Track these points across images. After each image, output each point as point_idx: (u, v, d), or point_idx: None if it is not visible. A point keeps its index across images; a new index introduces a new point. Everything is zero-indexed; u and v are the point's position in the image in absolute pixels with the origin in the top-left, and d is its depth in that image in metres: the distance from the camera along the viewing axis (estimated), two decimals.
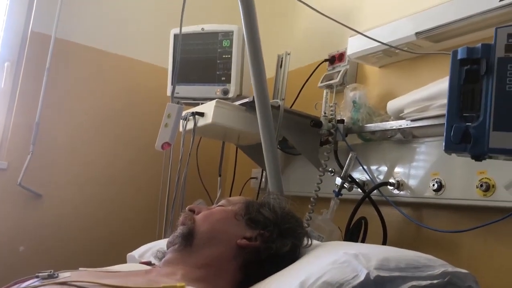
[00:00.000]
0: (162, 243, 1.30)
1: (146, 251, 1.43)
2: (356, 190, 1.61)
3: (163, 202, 1.93)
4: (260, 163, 2.03)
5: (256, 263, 1.02)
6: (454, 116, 0.88)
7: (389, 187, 1.55)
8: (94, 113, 2.30)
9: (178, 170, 1.86)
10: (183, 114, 1.74)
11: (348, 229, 1.53)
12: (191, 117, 1.78)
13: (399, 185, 1.53)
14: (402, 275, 0.85)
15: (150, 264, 1.19)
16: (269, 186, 1.53)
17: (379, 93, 1.79)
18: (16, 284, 0.92)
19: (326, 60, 1.98)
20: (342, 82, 1.86)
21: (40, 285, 0.87)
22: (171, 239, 1.07)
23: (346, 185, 1.58)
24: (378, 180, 1.61)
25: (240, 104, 1.74)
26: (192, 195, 2.05)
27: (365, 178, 1.66)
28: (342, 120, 1.68)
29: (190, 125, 1.80)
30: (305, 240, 1.12)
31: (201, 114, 1.76)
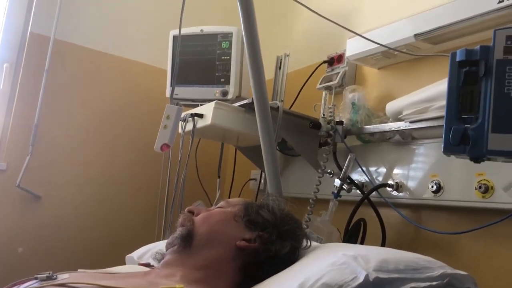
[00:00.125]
0: (161, 245, 1.30)
1: (145, 253, 1.43)
2: (355, 191, 1.61)
3: (162, 203, 1.92)
4: (259, 164, 2.03)
5: (255, 265, 1.02)
6: (453, 118, 0.88)
7: (388, 189, 1.55)
8: (93, 114, 2.30)
9: (177, 171, 1.86)
10: (182, 115, 1.74)
11: (347, 230, 1.53)
12: (190, 118, 1.78)
13: (398, 186, 1.53)
14: (401, 277, 0.85)
15: (149, 265, 1.18)
16: (268, 188, 1.53)
17: (378, 94, 1.79)
18: (14, 286, 0.92)
19: (325, 62, 1.99)
20: (341, 83, 1.86)
21: (39, 286, 0.87)
22: (170, 240, 1.07)
23: (345, 186, 1.58)
24: (377, 181, 1.62)
25: (239, 105, 1.74)
26: (191, 196, 2.05)
27: (364, 179, 1.66)
28: (341, 122, 1.68)
29: (189, 126, 1.80)
30: (304, 242, 1.12)
31: (200, 116, 1.76)
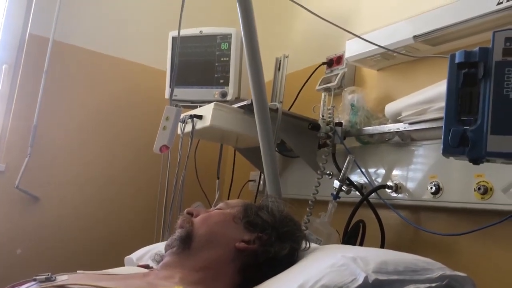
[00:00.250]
0: (160, 246, 1.30)
1: (144, 254, 1.43)
2: (354, 193, 1.61)
3: (161, 205, 1.92)
4: (258, 165, 2.03)
5: (254, 266, 1.02)
6: (452, 120, 0.88)
7: (387, 190, 1.55)
8: (92, 115, 2.29)
9: (176, 172, 1.85)
10: (181, 116, 1.74)
11: (346, 232, 1.53)
12: (189, 119, 1.78)
13: (397, 188, 1.53)
14: (400, 279, 0.85)
15: (148, 267, 1.18)
16: (267, 189, 1.53)
17: (377, 96, 1.79)
18: (13, 287, 0.91)
19: (324, 63, 1.99)
20: (340, 85, 1.86)
21: None
22: (169, 242, 1.07)
23: (344, 188, 1.58)
24: (376, 183, 1.61)
25: (238, 106, 1.74)
26: (190, 197, 2.05)
27: (363, 181, 1.66)
28: (340, 123, 1.68)
29: (188, 127, 1.80)
30: (303, 243, 1.12)
31: (199, 117, 1.76)
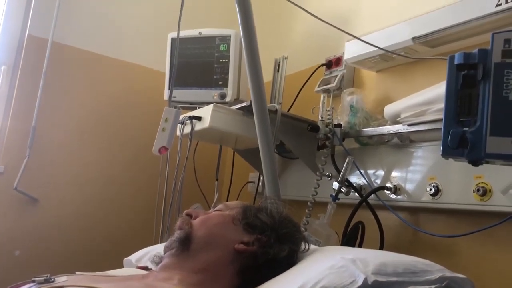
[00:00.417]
0: (159, 248, 1.29)
1: (143, 256, 1.42)
2: (353, 194, 1.61)
3: (160, 207, 1.92)
4: (257, 167, 2.02)
5: (254, 268, 1.02)
6: (451, 121, 0.88)
7: (386, 192, 1.55)
8: (91, 117, 2.29)
9: (175, 174, 1.85)
10: (180, 118, 1.74)
11: (345, 233, 1.53)
12: (188, 121, 1.78)
13: (396, 189, 1.53)
14: (399, 280, 0.85)
15: (147, 269, 1.18)
16: (266, 190, 1.53)
17: (376, 97, 1.79)
18: None
19: (323, 65, 1.99)
20: (339, 86, 1.86)
21: None
22: (168, 243, 1.06)
23: (343, 189, 1.58)
24: (375, 184, 1.61)
25: (238, 108, 1.74)
26: (189, 199, 2.04)
27: (362, 182, 1.66)
28: (339, 125, 1.68)
29: (187, 129, 1.80)
30: (302, 245, 1.11)
31: (198, 118, 1.76)
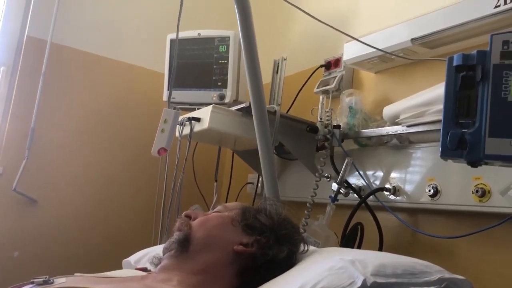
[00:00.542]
0: (158, 249, 1.29)
1: (142, 257, 1.42)
2: (352, 195, 1.61)
3: (159, 208, 1.92)
4: (256, 168, 2.02)
5: (253, 269, 1.02)
6: (450, 123, 0.88)
7: (385, 193, 1.55)
8: (90, 118, 2.29)
9: (174, 175, 1.85)
10: (179, 119, 1.74)
11: (344, 234, 1.53)
12: (187, 122, 1.78)
13: (395, 190, 1.53)
14: (398, 282, 0.85)
15: (146, 270, 1.18)
16: (265, 192, 1.53)
17: (375, 98, 1.79)
18: None
19: (322, 66, 1.98)
20: (338, 87, 1.86)
21: None
22: (167, 245, 1.06)
23: (342, 190, 1.57)
24: (374, 185, 1.61)
25: (237, 109, 1.74)
26: (188, 200, 2.04)
27: (361, 183, 1.66)
28: (338, 126, 1.68)
29: (186, 130, 1.80)
30: (301, 246, 1.11)
31: (197, 119, 1.76)
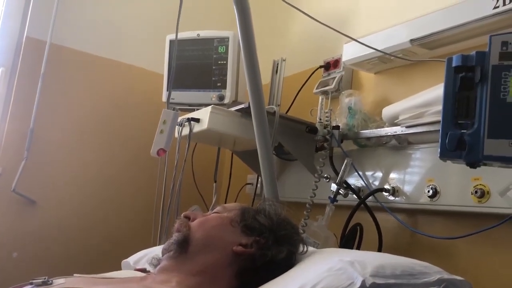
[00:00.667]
0: (157, 250, 1.29)
1: (141, 258, 1.42)
2: (352, 196, 1.61)
3: (158, 209, 1.92)
4: (255, 169, 2.02)
5: (252, 270, 1.02)
6: (449, 124, 0.88)
7: (384, 193, 1.55)
8: (89, 119, 2.29)
9: (173, 176, 1.85)
10: (178, 120, 1.74)
11: (344, 235, 1.53)
12: (187, 123, 1.78)
13: (394, 191, 1.53)
14: (397, 282, 0.85)
15: (145, 271, 1.18)
16: (264, 192, 1.53)
17: (374, 99, 1.79)
18: None
19: (321, 67, 1.98)
20: (338, 88, 1.86)
21: None
22: (166, 246, 1.06)
23: (341, 191, 1.58)
24: (374, 186, 1.62)
25: (236, 110, 1.74)
26: (188, 201, 2.04)
27: (360, 184, 1.66)
28: (337, 126, 1.68)
29: (185, 131, 1.80)
30: (301, 247, 1.11)
31: (196, 120, 1.76)
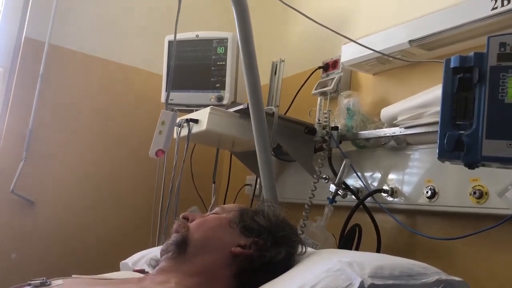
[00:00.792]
0: (156, 251, 1.29)
1: (139, 259, 1.42)
2: (350, 197, 1.61)
3: (157, 209, 1.92)
4: (254, 169, 2.02)
5: (250, 271, 1.01)
6: (447, 124, 0.89)
7: (383, 194, 1.55)
8: (88, 120, 2.28)
9: (172, 176, 1.85)
10: (177, 121, 1.74)
11: (342, 236, 1.53)
12: (185, 124, 1.78)
13: (393, 192, 1.54)
14: (396, 283, 0.85)
15: (143, 272, 1.18)
16: (263, 193, 1.53)
17: (372, 100, 1.79)
18: None
19: (320, 68, 1.99)
20: (336, 89, 1.86)
21: None
22: (164, 247, 1.06)
23: (340, 192, 1.57)
24: (372, 187, 1.62)
25: (235, 111, 1.74)
26: (186, 202, 2.04)
27: (359, 185, 1.67)
28: (336, 127, 1.68)
29: (184, 132, 1.80)
30: (299, 248, 1.11)
31: (195, 121, 1.76)
